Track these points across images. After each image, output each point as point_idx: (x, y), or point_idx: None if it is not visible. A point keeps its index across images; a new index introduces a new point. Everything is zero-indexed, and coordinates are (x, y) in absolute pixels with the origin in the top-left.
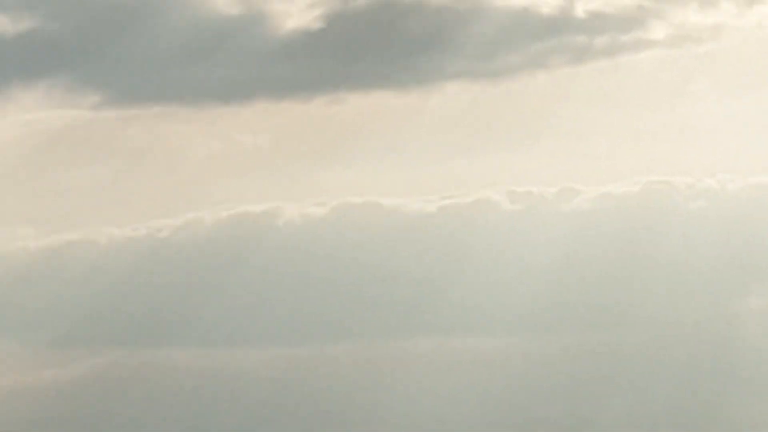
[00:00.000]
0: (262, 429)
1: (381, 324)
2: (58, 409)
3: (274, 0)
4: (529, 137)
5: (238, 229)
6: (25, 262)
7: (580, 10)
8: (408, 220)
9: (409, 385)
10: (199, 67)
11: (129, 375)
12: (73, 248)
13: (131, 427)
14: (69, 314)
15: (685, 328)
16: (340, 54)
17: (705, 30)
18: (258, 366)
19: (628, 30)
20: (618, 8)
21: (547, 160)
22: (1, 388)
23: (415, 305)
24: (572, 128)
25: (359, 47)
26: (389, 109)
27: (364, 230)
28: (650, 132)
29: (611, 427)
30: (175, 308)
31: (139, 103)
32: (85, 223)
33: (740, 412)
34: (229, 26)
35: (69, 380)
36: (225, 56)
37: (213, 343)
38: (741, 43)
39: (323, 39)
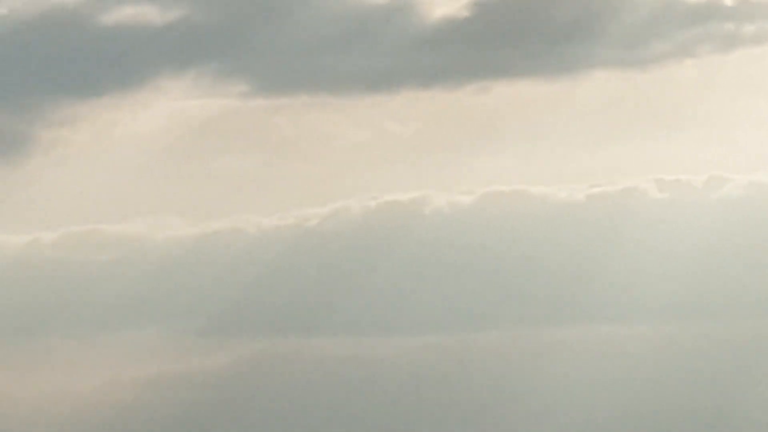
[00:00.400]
0: (410, 416)
1: (528, 312)
2: (206, 396)
3: None
4: (676, 125)
5: (385, 218)
6: (173, 251)
7: None
8: (556, 208)
9: (556, 372)
10: (346, 56)
11: (277, 363)
12: (221, 237)
13: (279, 414)
14: (217, 303)
15: None
16: (487, 42)
17: None
18: (405, 354)
19: None
20: None
21: (695, 149)
22: (151, 375)
23: (562, 293)
24: (720, 116)
25: (506, 35)
26: (537, 97)
27: (511, 218)
28: None
29: (758, 415)
30: (322, 297)
31: (287, 92)
32: (233, 212)
33: None
34: (376, 15)
35: (217, 369)
36: (373, 45)
37: (360, 331)
38: None
39: (471, 27)
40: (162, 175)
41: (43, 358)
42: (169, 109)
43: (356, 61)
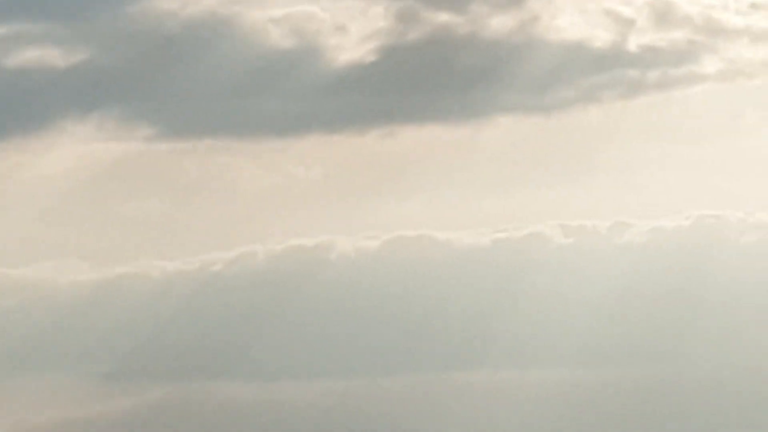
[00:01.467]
0: None
1: (433, 357)
2: None
3: (328, 33)
4: (581, 171)
5: (291, 263)
6: (77, 295)
7: (632, 45)
8: (461, 253)
9: (461, 417)
10: (253, 100)
11: (182, 408)
12: (125, 282)
13: None
14: (121, 348)
15: (736, 361)
16: (393, 87)
17: (756, 64)
18: (310, 398)
19: (680, 64)
20: (670, 42)
21: (600, 194)
22: (55, 421)
23: (467, 338)
24: (625, 162)
25: (412, 81)
26: (442, 142)
27: (416, 264)
28: (702, 166)
29: None
30: (228, 341)
31: (193, 136)
32: (137, 256)
33: None
34: (282, 60)
35: (121, 413)
36: (279, 90)
37: (265, 375)
38: None
39: (376, 72)
40: (66, 219)
41: None
42: (73, 152)
43: (262, 106)
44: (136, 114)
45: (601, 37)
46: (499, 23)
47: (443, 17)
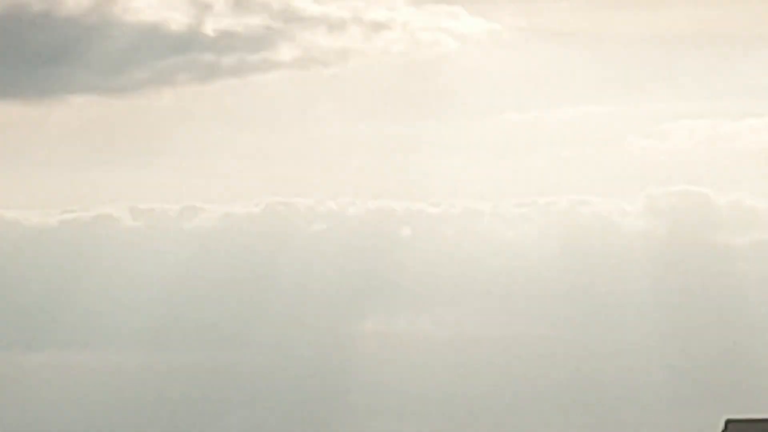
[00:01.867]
0: None
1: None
2: None
3: None
4: (153, 154)
5: None
6: None
7: (209, 29)
8: (28, 232)
9: (23, 398)
10: None
11: None
12: None
13: None
14: None
15: (301, 349)
16: None
17: (332, 53)
18: None
19: (256, 50)
20: (247, 28)
21: (171, 178)
22: None
23: (32, 319)
24: (197, 146)
25: None
26: (12, 120)
27: None
28: (274, 153)
29: None
30: None
31: None
32: None
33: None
34: None
35: None
36: None
37: None
38: (366, 67)
39: None
40: None
41: None
42: None
43: None
44: None
45: (178, 20)
46: (75, 2)
47: None
